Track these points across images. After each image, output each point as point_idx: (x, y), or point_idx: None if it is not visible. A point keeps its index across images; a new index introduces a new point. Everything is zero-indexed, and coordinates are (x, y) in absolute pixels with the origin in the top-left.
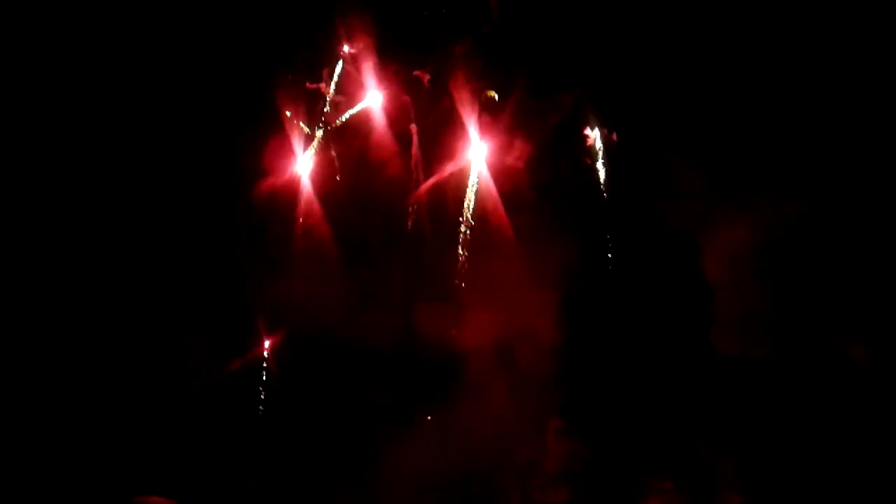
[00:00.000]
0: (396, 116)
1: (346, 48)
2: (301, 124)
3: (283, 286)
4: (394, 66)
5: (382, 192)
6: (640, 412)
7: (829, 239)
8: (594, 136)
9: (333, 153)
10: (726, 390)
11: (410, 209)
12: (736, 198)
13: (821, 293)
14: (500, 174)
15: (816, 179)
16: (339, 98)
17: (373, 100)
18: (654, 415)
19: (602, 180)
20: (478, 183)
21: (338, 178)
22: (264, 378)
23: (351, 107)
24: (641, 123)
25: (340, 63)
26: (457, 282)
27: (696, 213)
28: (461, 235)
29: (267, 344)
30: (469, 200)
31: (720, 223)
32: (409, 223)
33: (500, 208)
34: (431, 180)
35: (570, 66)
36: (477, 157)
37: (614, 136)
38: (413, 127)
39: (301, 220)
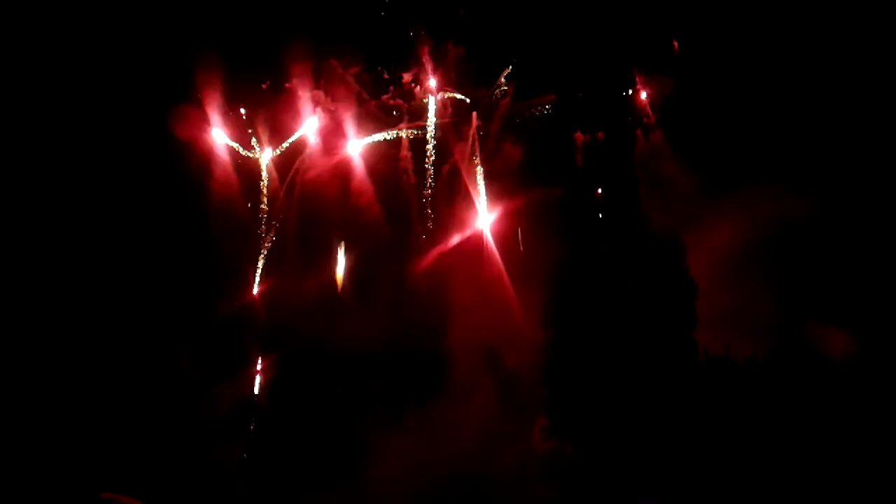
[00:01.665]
0: (389, 121)
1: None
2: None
3: (272, 287)
4: (384, 72)
5: (374, 195)
6: (626, 411)
7: (816, 239)
8: (582, 136)
9: (325, 157)
10: (711, 389)
11: (401, 212)
12: (723, 198)
13: (807, 292)
14: (490, 177)
15: (803, 180)
16: (330, 104)
17: (364, 104)
18: (639, 414)
19: (589, 181)
20: (467, 186)
21: (329, 182)
22: (252, 380)
23: (342, 112)
24: (629, 124)
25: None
26: (444, 283)
27: (682, 214)
28: (448, 238)
29: (255, 346)
30: (455, 202)
31: (707, 223)
32: (400, 226)
33: (489, 210)
34: (421, 184)
35: (558, 68)
36: (468, 160)
37: (601, 136)
38: (405, 132)
39: (293, 221)
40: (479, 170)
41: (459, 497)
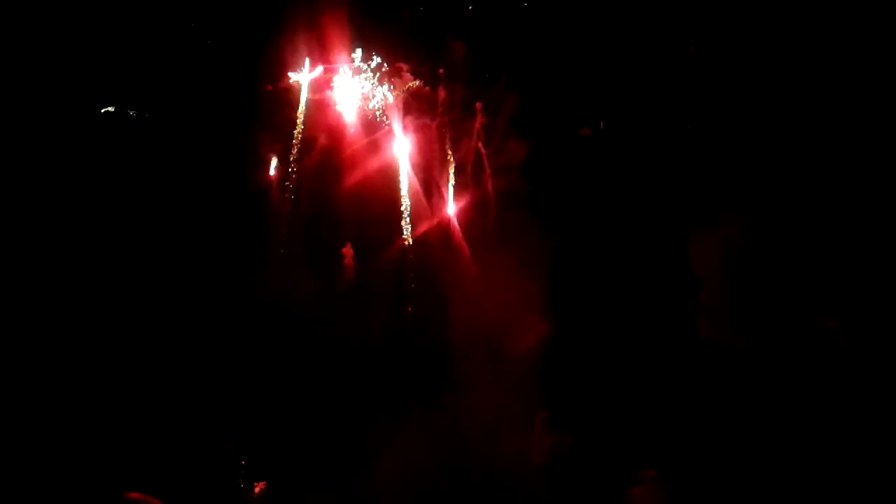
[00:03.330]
0: (388, 115)
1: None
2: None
3: (271, 281)
4: (388, 64)
5: (372, 187)
6: (627, 403)
7: (816, 231)
8: (584, 129)
9: (324, 150)
10: (712, 380)
11: (399, 204)
12: (724, 189)
13: (807, 284)
14: (488, 169)
15: (805, 173)
16: (330, 96)
17: (365, 97)
18: (640, 405)
19: (589, 173)
20: (465, 178)
21: (329, 174)
22: (252, 374)
23: (342, 104)
24: (630, 116)
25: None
26: (445, 276)
27: (683, 205)
28: (448, 230)
29: (257, 339)
30: (456, 196)
31: (707, 214)
32: (398, 218)
33: (488, 202)
34: (420, 176)
35: (559, 61)
36: (465, 152)
37: (602, 127)
38: (404, 124)
39: (290, 214)
40: (483, 164)
41: (460, 489)
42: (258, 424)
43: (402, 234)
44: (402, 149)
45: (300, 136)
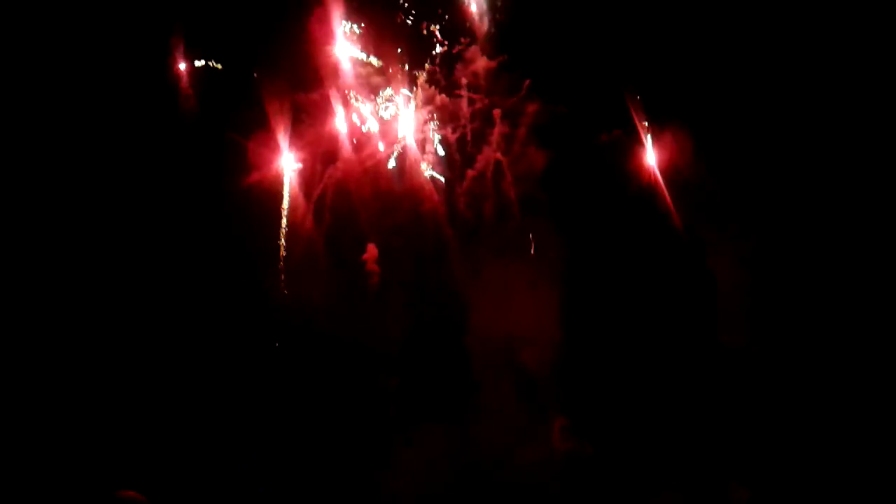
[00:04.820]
0: (409, 125)
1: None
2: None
3: (286, 285)
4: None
5: (393, 196)
6: (647, 410)
7: (832, 237)
8: (602, 134)
9: (346, 159)
10: (731, 387)
11: (418, 208)
12: (741, 195)
13: (823, 290)
14: (509, 177)
15: (820, 179)
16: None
17: (384, 98)
18: (661, 413)
19: (607, 178)
20: (486, 186)
21: (351, 183)
22: (268, 380)
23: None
24: (646, 120)
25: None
26: (462, 282)
27: (702, 211)
28: (467, 235)
29: (270, 344)
30: (477, 203)
31: (725, 221)
32: (419, 226)
33: (509, 210)
34: (441, 185)
35: (576, 62)
36: (485, 161)
37: (622, 135)
38: (425, 126)
39: (305, 217)
40: (504, 172)
41: (477, 497)
42: (275, 428)
43: (423, 241)
44: (423, 158)
45: (323, 145)
